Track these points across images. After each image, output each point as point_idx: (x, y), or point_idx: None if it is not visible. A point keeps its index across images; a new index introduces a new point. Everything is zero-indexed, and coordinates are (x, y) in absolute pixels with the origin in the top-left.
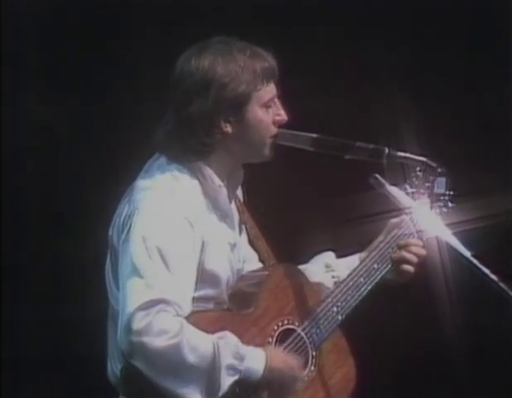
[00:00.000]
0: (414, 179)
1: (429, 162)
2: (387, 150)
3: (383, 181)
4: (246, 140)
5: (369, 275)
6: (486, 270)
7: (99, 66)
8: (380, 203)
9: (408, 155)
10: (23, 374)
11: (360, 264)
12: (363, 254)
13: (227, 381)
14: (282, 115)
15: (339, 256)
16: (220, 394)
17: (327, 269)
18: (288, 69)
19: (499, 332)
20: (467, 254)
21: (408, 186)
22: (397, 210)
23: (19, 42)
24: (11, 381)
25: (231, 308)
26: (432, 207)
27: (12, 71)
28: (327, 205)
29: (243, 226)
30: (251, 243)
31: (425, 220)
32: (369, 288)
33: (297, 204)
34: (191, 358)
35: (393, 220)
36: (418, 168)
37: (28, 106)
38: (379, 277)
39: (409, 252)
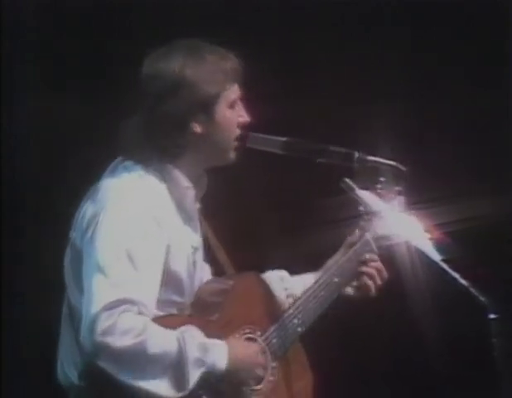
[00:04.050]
0: (384, 183)
1: (399, 166)
2: (357, 154)
3: (353, 185)
4: (214, 141)
5: (330, 289)
6: (456, 275)
7: (99, 66)
8: (351, 207)
9: (377, 159)
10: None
11: (321, 277)
12: (321, 270)
13: (195, 373)
14: (245, 117)
15: (304, 262)
16: (190, 387)
17: (281, 281)
18: (261, 71)
19: (472, 337)
20: (437, 258)
21: (378, 190)
22: (366, 214)
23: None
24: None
25: (194, 315)
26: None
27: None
28: (293, 210)
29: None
30: (210, 253)
31: (395, 224)
32: (330, 301)
33: (257, 212)
34: (157, 354)
35: (353, 236)
36: (388, 172)
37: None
38: (339, 291)
39: (370, 267)
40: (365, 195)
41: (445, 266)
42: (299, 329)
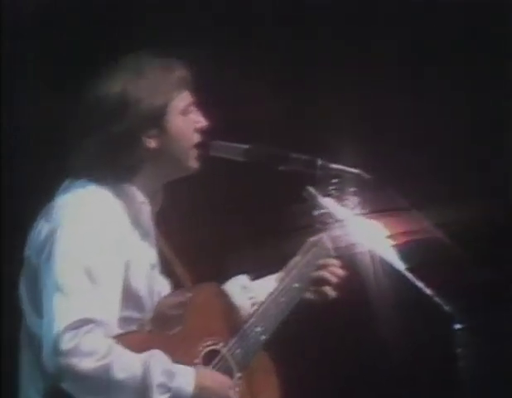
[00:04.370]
0: (348, 190)
1: (363, 173)
2: (320, 161)
3: (315, 193)
4: (171, 152)
5: (290, 295)
6: (420, 284)
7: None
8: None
9: (341, 167)
10: None
11: (281, 283)
12: (280, 274)
13: None
14: (202, 121)
15: (267, 271)
16: None
17: (244, 291)
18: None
19: (437, 347)
20: (401, 267)
21: (341, 198)
22: (322, 218)
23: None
24: None
25: (155, 330)
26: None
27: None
28: (255, 218)
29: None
30: (168, 266)
31: (358, 232)
32: (291, 307)
33: (219, 221)
34: (121, 378)
35: (311, 239)
36: (352, 180)
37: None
38: (299, 296)
39: (328, 272)
40: (328, 203)
41: (409, 275)
42: (262, 337)
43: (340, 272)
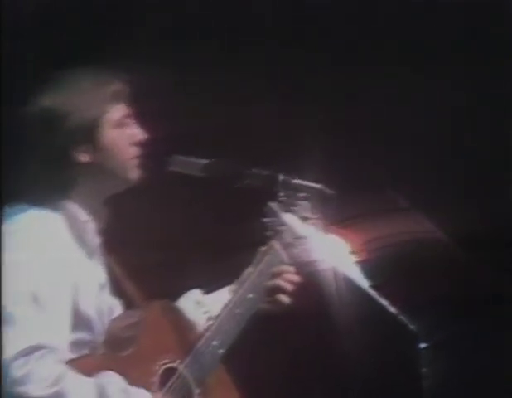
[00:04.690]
0: (310, 206)
1: (325, 189)
2: (281, 177)
3: (276, 209)
4: (107, 166)
5: (246, 306)
6: (385, 302)
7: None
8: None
9: (303, 182)
10: None
11: (235, 295)
12: (234, 286)
13: None
14: (139, 134)
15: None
16: None
17: (198, 306)
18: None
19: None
20: (365, 285)
21: (303, 214)
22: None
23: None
24: None
25: (108, 352)
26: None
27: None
28: (214, 234)
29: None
30: (117, 286)
31: (320, 249)
32: (247, 319)
33: (167, 237)
34: None
35: (263, 248)
36: (315, 195)
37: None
38: (255, 307)
39: (282, 280)
40: (290, 219)
41: (373, 293)
42: (219, 351)
43: (295, 278)
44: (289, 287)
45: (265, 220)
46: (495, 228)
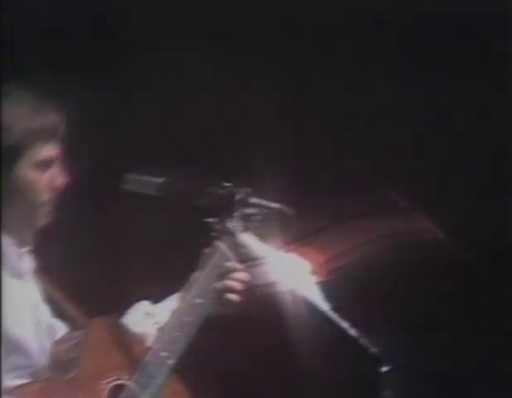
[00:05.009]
0: (268, 225)
1: (284, 208)
2: (238, 196)
3: (232, 229)
4: (15, 198)
5: (195, 312)
6: (345, 325)
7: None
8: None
9: (261, 202)
10: None
11: (182, 302)
12: (181, 293)
13: None
14: (59, 180)
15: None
16: None
17: (147, 317)
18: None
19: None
20: (325, 307)
21: (261, 233)
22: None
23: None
24: None
25: (52, 376)
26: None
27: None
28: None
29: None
30: (58, 308)
31: (279, 269)
32: (197, 325)
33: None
34: None
35: (207, 250)
36: (273, 214)
37: None
38: (205, 312)
39: (230, 279)
40: (247, 238)
41: (333, 315)
42: (169, 362)
43: (244, 276)
44: (238, 285)
45: (209, 220)
46: (495, 228)
